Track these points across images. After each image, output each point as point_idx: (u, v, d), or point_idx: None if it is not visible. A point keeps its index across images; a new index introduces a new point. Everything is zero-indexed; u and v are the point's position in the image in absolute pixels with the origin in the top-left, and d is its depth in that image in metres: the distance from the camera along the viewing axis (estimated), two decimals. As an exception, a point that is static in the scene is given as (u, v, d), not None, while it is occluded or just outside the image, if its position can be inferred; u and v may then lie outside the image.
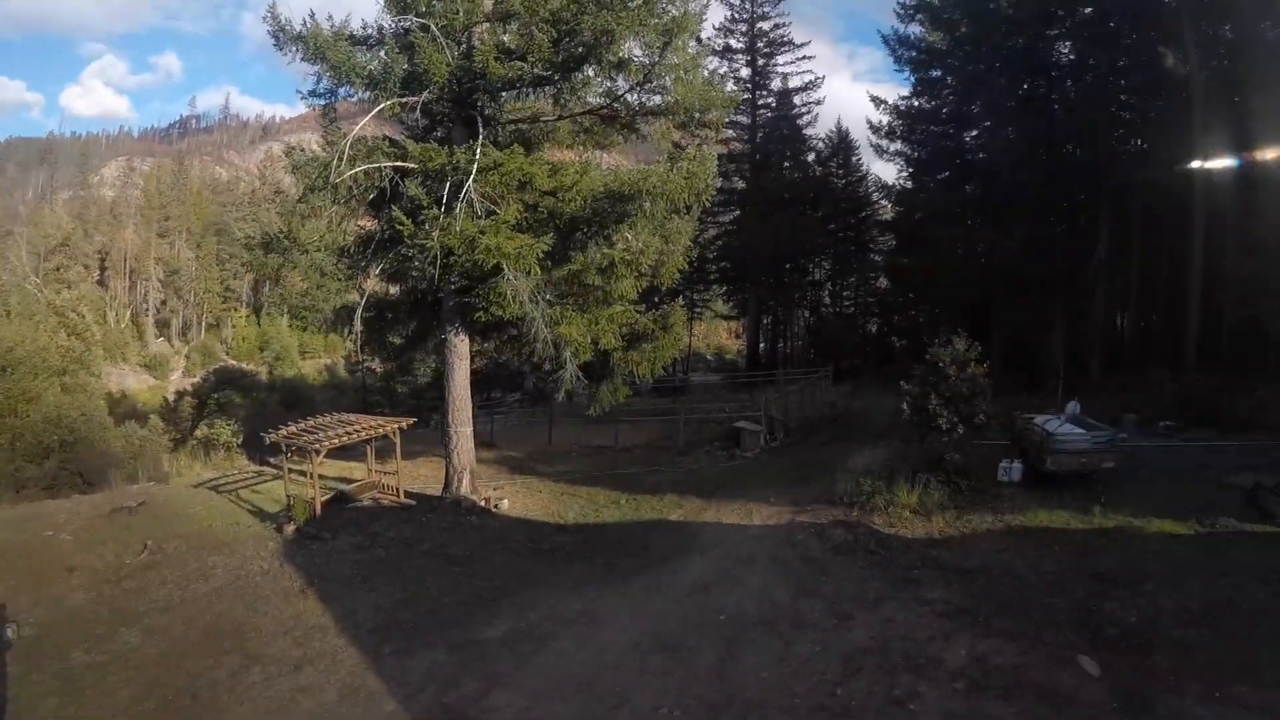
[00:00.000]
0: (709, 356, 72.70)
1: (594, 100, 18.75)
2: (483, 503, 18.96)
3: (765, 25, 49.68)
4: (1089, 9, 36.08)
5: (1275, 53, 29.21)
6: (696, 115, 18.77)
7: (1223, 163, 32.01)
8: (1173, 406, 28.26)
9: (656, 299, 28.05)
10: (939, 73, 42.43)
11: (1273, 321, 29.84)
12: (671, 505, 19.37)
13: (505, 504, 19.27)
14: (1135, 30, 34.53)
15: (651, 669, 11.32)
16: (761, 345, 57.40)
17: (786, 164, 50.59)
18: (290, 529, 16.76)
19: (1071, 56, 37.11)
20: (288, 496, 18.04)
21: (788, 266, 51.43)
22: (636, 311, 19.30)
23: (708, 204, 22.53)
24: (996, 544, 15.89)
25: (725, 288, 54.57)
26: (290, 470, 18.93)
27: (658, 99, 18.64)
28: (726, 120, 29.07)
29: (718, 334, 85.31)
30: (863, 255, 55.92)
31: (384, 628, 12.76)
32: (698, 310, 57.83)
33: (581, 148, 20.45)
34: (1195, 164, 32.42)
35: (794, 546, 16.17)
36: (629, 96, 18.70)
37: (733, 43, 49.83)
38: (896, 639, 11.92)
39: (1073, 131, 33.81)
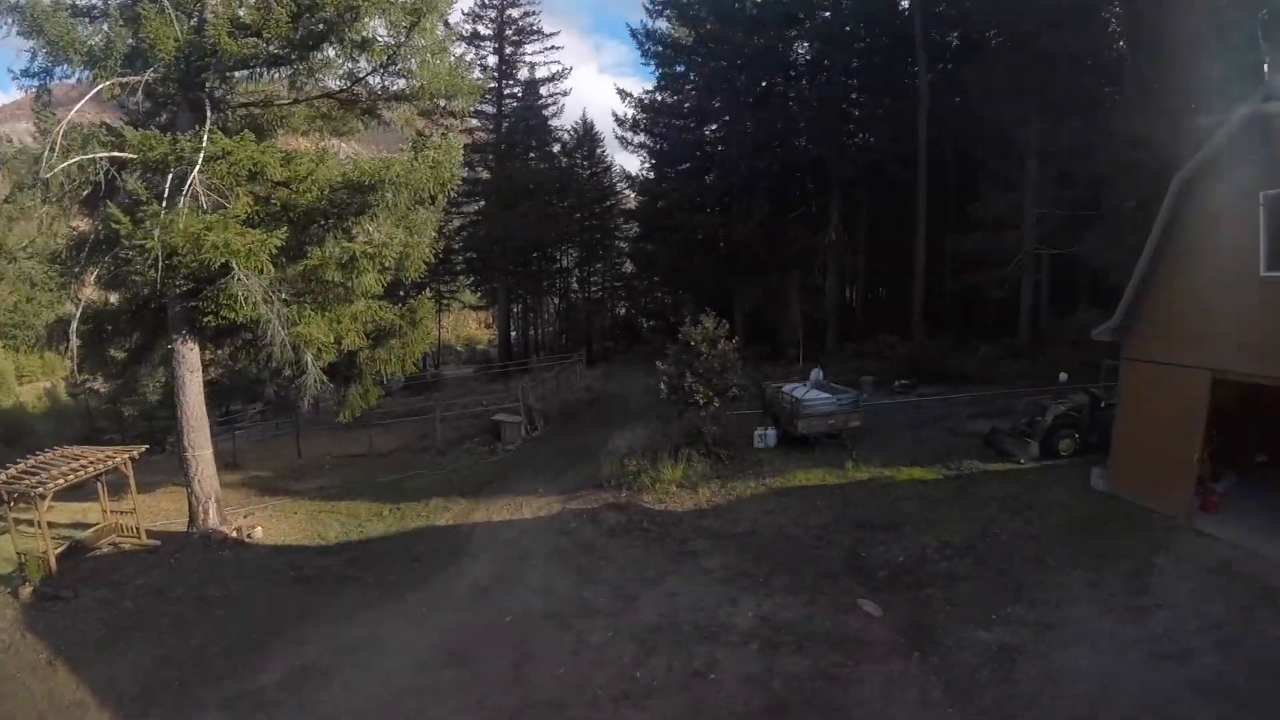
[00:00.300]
0: (459, 349, 70.46)
1: (333, 84, 17.47)
2: (234, 533, 17.04)
3: (515, 13, 49.13)
4: (828, 12, 39.48)
5: (997, 57, 33.38)
6: (442, 102, 17.93)
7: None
8: (905, 367, 31.87)
9: (402, 293, 26.68)
10: (683, 68, 44.33)
11: (988, 289, 34.44)
12: (438, 510, 18.59)
13: (259, 532, 17.46)
14: (870, 34, 38.22)
15: (444, 686, 10.62)
16: (513, 334, 57.23)
17: (532, 154, 50.36)
18: (27, 591, 13.86)
19: (809, 56, 40.20)
20: (18, 554, 14.66)
21: (535, 255, 51.42)
22: (382, 307, 18.05)
23: (453, 194, 21.57)
24: (763, 507, 16.87)
25: (473, 278, 53.53)
26: (16, 521, 15.61)
27: (401, 83, 17.52)
28: (472, 109, 28.13)
29: (467, 325, 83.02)
30: (608, 243, 57.47)
31: (149, 692, 10.88)
32: (445, 302, 56.61)
33: (319, 135, 18.76)
34: (919, 155, 36.67)
35: (569, 535, 16.11)
36: (371, 79, 17.49)
37: (481, 29, 48.78)
38: (686, 611, 12.18)
39: (807, 126, 36.69)
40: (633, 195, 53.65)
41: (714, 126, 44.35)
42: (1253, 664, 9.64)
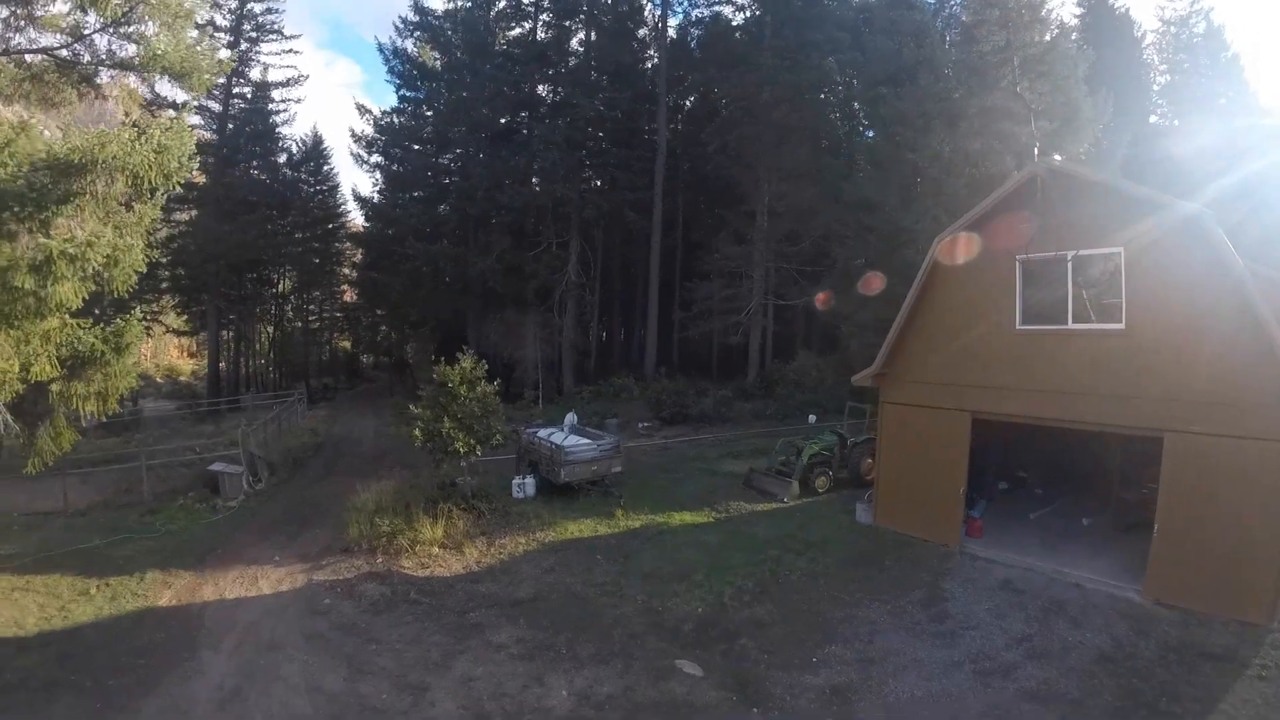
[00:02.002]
0: (159, 380, 59.95)
1: (53, 39, 13.99)
2: (-111, 631, 12.03)
3: (257, 7, 43.28)
4: (574, 60, 39.44)
5: (733, 124, 35.35)
6: (167, 87, 14.68)
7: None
8: (646, 409, 32.09)
9: (99, 310, 21.67)
10: (427, 94, 42.40)
11: (725, 334, 36.19)
12: (157, 586, 14.97)
13: None
14: (615, 86, 38.81)
15: None
16: (221, 365, 49.65)
17: (256, 163, 44.53)
18: None
19: (555, 98, 39.85)
20: None
21: (252, 277, 45.86)
22: (80, 326, 14.06)
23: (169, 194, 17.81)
24: (540, 565, 15.28)
25: (178, 298, 45.60)
26: None
27: (132, 49, 14.21)
28: (198, 101, 23.88)
29: (167, 352, 70.98)
30: (331, 268, 52.76)
31: None
32: (147, 325, 47.12)
33: (24, 103, 14.31)
34: (655, 205, 38.00)
35: (324, 615, 13.41)
36: (98, 39, 14.14)
37: (218, 18, 42.14)
38: (489, 699, 10.22)
39: (550, 166, 36.31)
40: (361, 219, 49.62)
41: (453, 155, 42.76)
42: (1068, 669, 10.45)
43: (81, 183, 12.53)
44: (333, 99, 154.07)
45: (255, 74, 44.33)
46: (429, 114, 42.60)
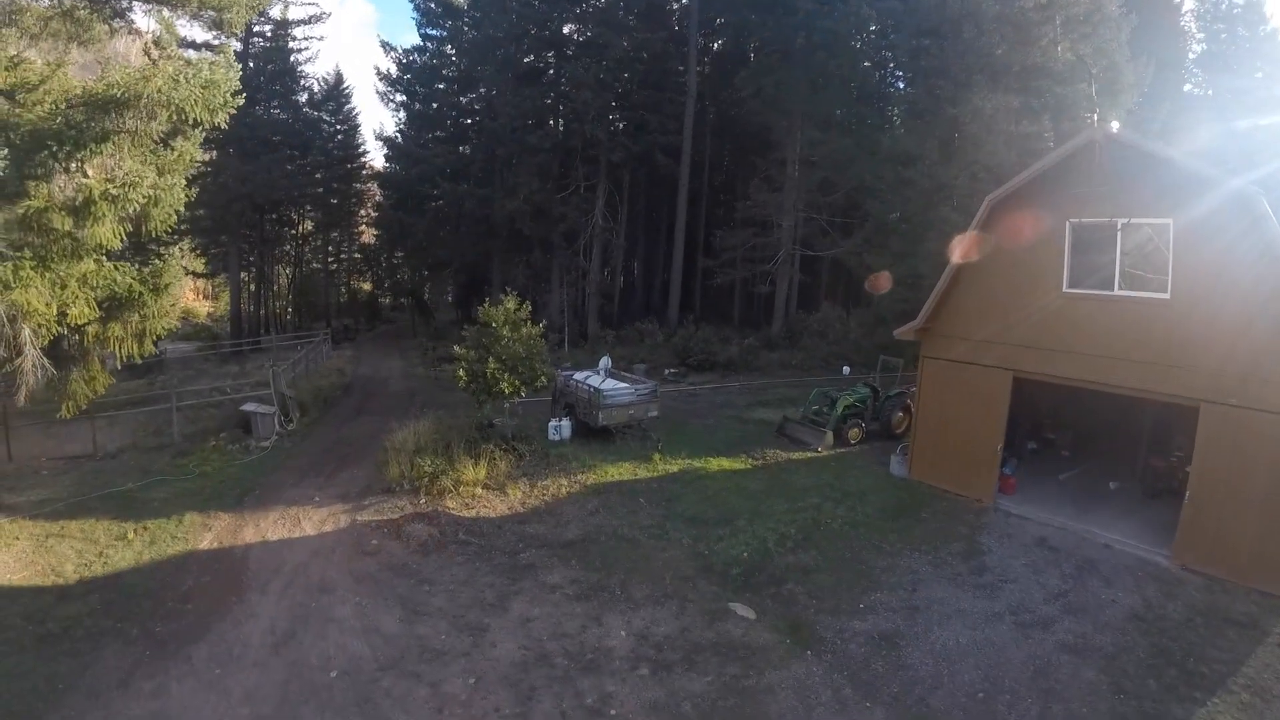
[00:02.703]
0: (177, 322, 60.20)
1: None
2: (-67, 581, 11.83)
3: None
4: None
5: (767, 69, 34.71)
6: (210, 12, 14.33)
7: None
8: (671, 356, 32.29)
9: (132, 251, 21.81)
10: (450, 30, 41.45)
11: (755, 283, 36.11)
12: (196, 528, 14.78)
13: None
14: (646, 27, 37.92)
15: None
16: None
17: (276, 102, 43.78)
18: None
19: (583, 38, 38.89)
20: None
21: (272, 217, 45.62)
22: (117, 268, 13.97)
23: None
24: (583, 507, 15.58)
25: (198, 240, 45.46)
26: None
27: None
28: (230, 39, 23.44)
29: (183, 295, 71.58)
30: (351, 208, 52.48)
31: None
32: (161, 258, 47.22)
33: (53, 42, 14.02)
34: (684, 150, 37.51)
35: (373, 556, 13.52)
36: None
37: None
38: (549, 640, 10.57)
39: (580, 107, 35.78)
40: (382, 159, 49.20)
41: (477, 94, 41.91)
42: (1103, 625, 10.89)
43: (120, 120, 12.36)
44: (349, 38, 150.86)
45: (276, 11, 43.10)
46: (452, 53, 41.81)
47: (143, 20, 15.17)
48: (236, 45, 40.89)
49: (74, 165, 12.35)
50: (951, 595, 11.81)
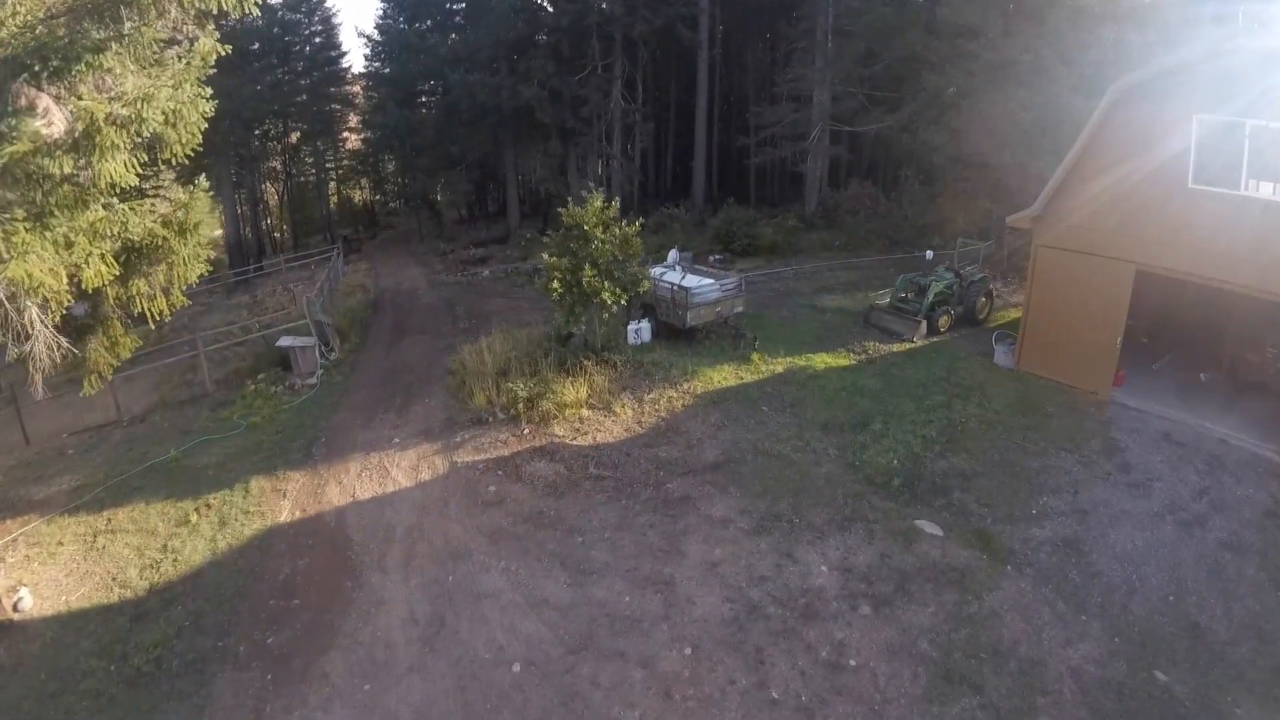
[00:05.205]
0: (208, 265, 57.17)
1: None
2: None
3: None
4: None
5: None
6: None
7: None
8: (711, 240, 31.29)
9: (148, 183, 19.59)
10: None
11: (793, 161, 34.57)
12: (268, 495, 13.06)
13: (27, 598, 10.74)
14: None
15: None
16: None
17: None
18: None
19: None
20: None
21: (259, 133, 42.79)
22: (133, 210, 11.27)
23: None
24: (705, 421, 14.90)
25: (184, 162, 42.45)
26: None
27: None
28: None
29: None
30: (338, 113, 49.19)
31: None
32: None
33: None
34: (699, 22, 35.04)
35: (496, 506, 12.09)
36: None
37: None
38: (748, 585, 10.19)
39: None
40: (365, 58, 45.78)
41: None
42: (1247, 522, 11.21)
43: (121, 22, 10.11)
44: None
45: None
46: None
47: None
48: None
49: (63, 88, 10.13)
50: (1111, 496, 12.00)
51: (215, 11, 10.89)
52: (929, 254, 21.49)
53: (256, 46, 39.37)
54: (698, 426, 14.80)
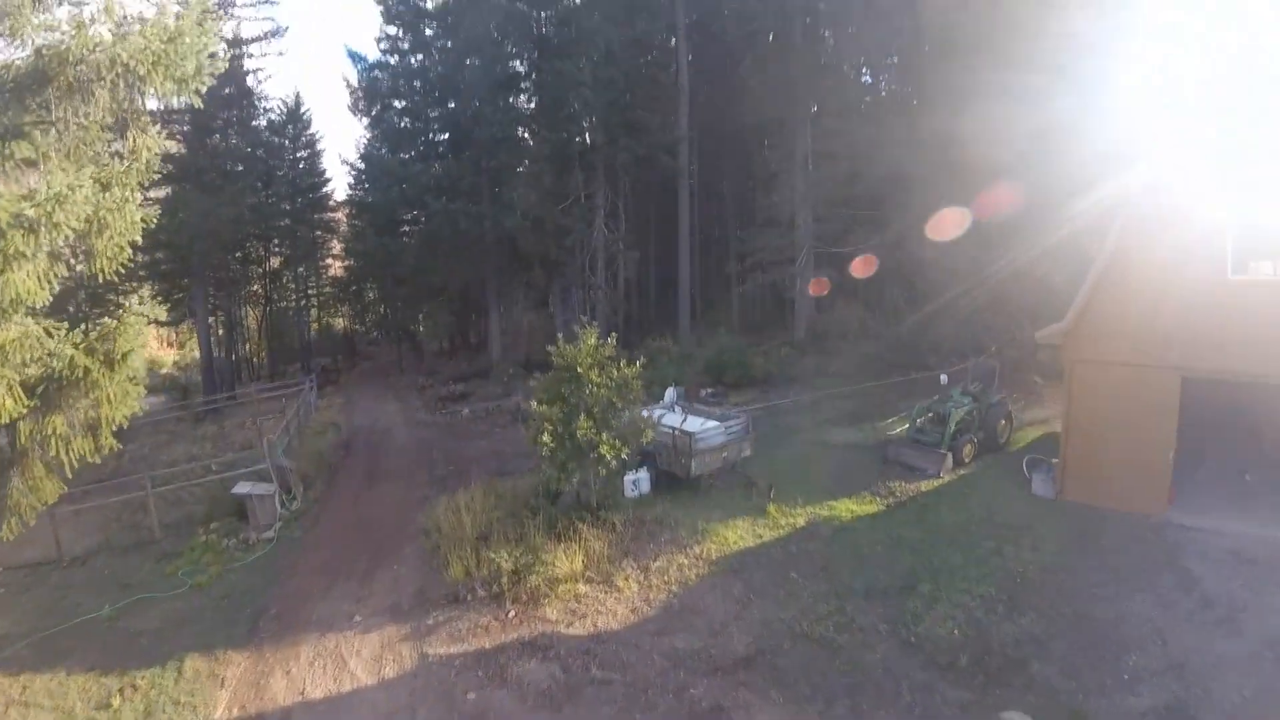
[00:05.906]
0: (143, 404, 54.79)
1: None
2: None
3: None
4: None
5: (755, 62, 33.09)
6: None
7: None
8: (700, 372, 30.01)
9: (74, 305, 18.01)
10: (413, 41, 38.49)
11: (782, 287, 34.21)
12: (204, 681, 11.33)
13: None
14: (631, 20, 35.23)
15: None
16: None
17: (234, 129, 39.90)
18: None
19: (569, 36, 35.69)
20: None
21: (238, 255, 41.96)
22: (51, 332, 10.07)
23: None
24: (727, 594, 12.81)
25: (157, 285, 40.95)
26: None
27: None
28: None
29: (146, 344, 66.04)
30: (320, 238, 48.76)
31: None
32: (115, 314, 42.68)
33: None
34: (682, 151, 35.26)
35: None
36: None
37: None
38: None
39: (580, 108, 33.33)
40: (349, 185, 45.54)
41: (459, 104, 38.68)
42: None
43: (43, 99, 8.83)
44: (302, 56, 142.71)
45: (228, 29, 38.81)
46: (424, 62, 38.86)
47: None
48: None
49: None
50: (1202, 640, 10.72)
51: (153, 103, 9.87)
52: (944, 378, 20.16)
53: (240, 169, 39.02)
54: (718, 603, 12.65)
